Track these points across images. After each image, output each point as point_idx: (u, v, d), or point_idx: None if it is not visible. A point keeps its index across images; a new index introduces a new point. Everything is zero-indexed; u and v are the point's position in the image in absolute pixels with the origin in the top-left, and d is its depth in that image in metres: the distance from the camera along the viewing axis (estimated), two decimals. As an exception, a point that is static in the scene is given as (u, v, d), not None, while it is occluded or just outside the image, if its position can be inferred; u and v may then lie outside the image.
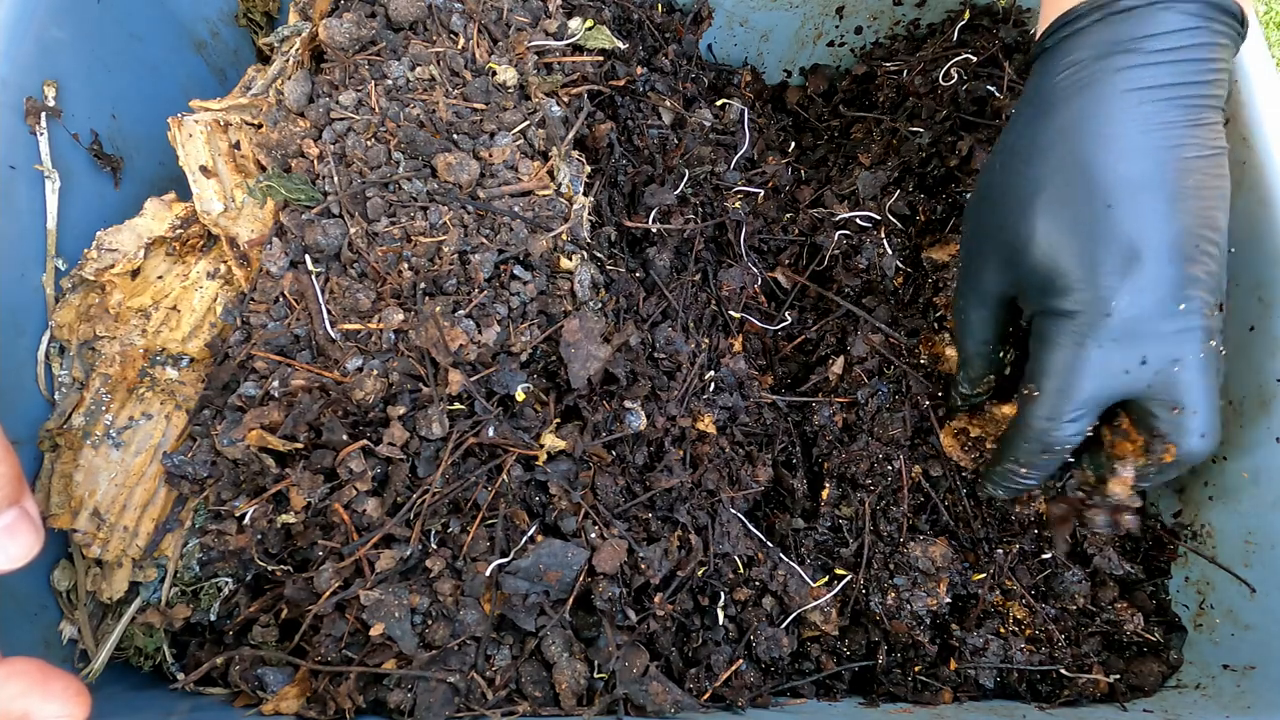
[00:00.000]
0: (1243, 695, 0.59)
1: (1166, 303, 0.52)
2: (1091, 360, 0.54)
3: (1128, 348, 0.53)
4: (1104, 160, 0.53)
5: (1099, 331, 0.53)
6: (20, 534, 0.39)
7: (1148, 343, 0.53)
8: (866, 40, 0.93)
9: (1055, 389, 0.55)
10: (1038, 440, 0.57)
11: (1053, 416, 0.55)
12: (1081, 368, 0.54)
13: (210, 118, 0.67)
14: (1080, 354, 0.54)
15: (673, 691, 0.57)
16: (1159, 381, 0.53)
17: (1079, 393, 0.54)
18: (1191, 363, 0.53)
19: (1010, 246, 0.56)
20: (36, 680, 0.37)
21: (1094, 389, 0.54)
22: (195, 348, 0.62)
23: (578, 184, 0.67)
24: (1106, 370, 0.54)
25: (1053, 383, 0.55)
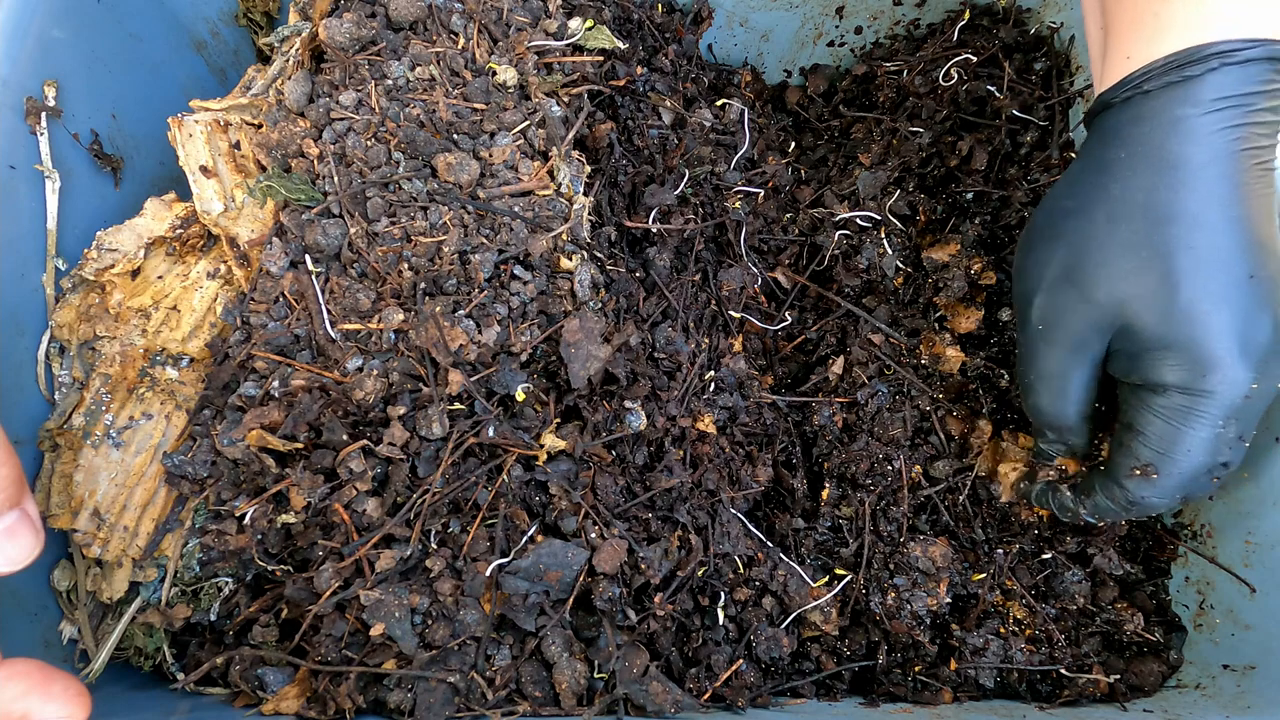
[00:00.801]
0: (1243, 695, 0.59)
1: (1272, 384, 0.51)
2: (1217, 439, 0.52)
3: (1243, 425, 0.52)
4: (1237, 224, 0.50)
5: (1233, 410, 0.51)
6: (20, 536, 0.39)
7: (1251, 422, 0.52)
8: (866, 40, 0.93)
9: (1183, 471, 0.53)
10: (1134, 507, 0.56)
11: (1166, 496, 0.54)
12: (1206, 448, 0.52)
13: (210, 118, 0.67)
14: (1216, 435, 0.52)
15: (673, 691, 0.57)
16: (1235, 456, 0.53)
17: (1196, 470, 0.53)
18: (1250, 436, 0.53)
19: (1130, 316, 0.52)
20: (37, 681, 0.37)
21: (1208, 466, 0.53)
22: (195, 348, 0.62)
23: (578, 184, 0.67)
24: (1218, 449, 0.52)
25: (1182, 466, 0.53)
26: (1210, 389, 0.51)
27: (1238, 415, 0.51)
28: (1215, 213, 0.50)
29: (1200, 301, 0.50)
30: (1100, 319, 0.54)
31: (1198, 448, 0.52)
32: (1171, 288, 0.51)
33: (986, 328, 0.75)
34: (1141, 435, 0.54)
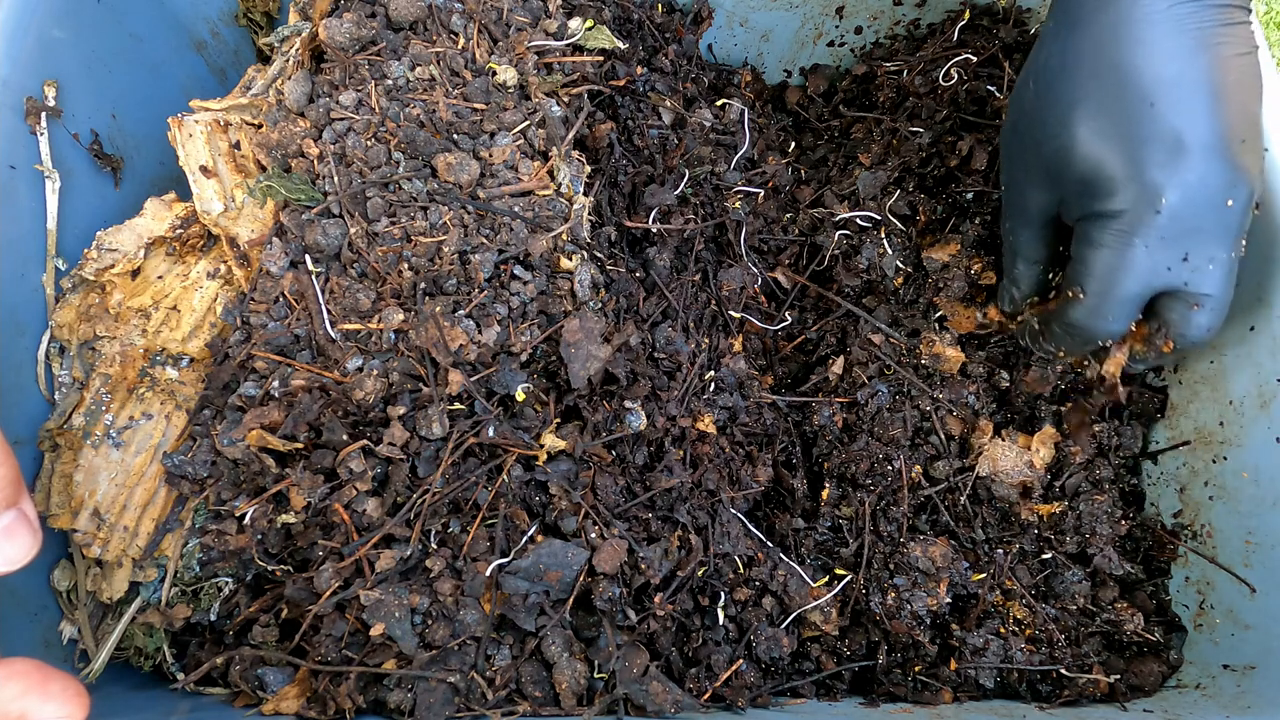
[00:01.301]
0: (1243, 695, 0.59)
1: (1215, 197, 0.53)
2: (1138, 259, 0.54)
3: (1173, 245, 0.54)
4: (1142, 63, 0.53)
5: (1146, 229, 0.53)
6: (18, 536, 0.39)
7: (1192, 239, 0.53)
8: (866, 40, 0.93)
9: (1100, 291, 0.56)
10: (1080, 336, 0.59)
11: (1097, 317, 0.57)
12: (1127, 267, 0.55)
13: (210, 118, 0.67)
14: (1127, 254, 0.54)
15: (673, 691, 0.57)
16: (1193, 278, 0.54)
17: (1124, 292, 0.55)
18: (1222, 260, 0.54)
19: (1053, 159, 0.57)
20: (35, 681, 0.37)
21: (1138, 288, 0.55)
22: (195, 348, 0.62)
23: (578, 184, 0.67)
24: (1152, 268, 0.54)
25: (1097, 284, 0.56)
26: (1115, 209, 0.54)
27: (1166, 235, 0.53)
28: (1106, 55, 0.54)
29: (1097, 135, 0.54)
30: (1033, 162, 0.59)
31: (1116, 266, 0.55)
32: (1073, 125, 0.55)
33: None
34: (1072, 262, 0.58)
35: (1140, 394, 0.71)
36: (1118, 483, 0.70)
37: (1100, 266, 0.56)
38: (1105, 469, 0.69)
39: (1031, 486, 0.68)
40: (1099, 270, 0.56)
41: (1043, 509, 0.68)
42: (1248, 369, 0.62)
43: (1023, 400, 0.72)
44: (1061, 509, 0.67)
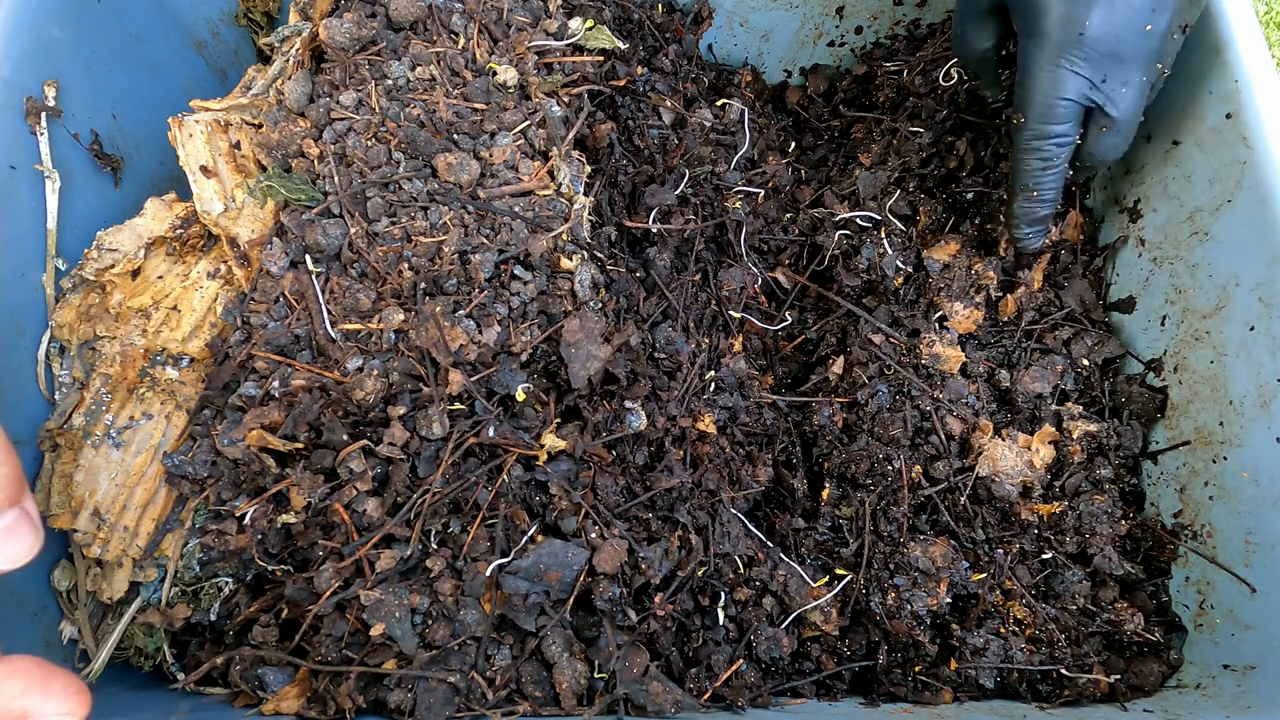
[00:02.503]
0: (1243, 695, 0.59)
1: (1135, 23, 0.57)
2: (1063, 78, 0.59)
3: (1095, 66, 0.58)
4: None
5: (1071, 50, 0.58)
6: (20, 534, 0.39)
7: (1111, 63, 0.58)
8: (866, 40, 0.93)
9: (1037, 109, 0.61)
10: (1035, 158, 0.64)
11: (1041, 134, 0.62)
12: (1055, 85, 0.59)
13: (210, 118, 0.67)
14: (1054, 73, 0.59)
15: (673, 691, 0.57)
16: (1109, 100, 0.60)
17: (1058, 108, 0.61)
18: (1135, 83, 0.59)
19: None
20: (36, 678, 0.37)
21: (1066, 107, 0.60)
22: (195, 348, 0.62)
23: (578, 184, 0.67)
24: (1076, 87, 0.59)
25: (1034, 103, 0.61)
26: (1046, 30, 0.59)
27: (1088, 57, 0.58)
28: None
29: None
30: None
31: (1043, 84, 0.60)
32: None
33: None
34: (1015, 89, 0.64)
35: (1140, 394, 0.71)
36: (1118, 483, 0.70)
37: (1033, 84, 0.61)
38: (1105, 469, 0.69)
39: (1031, 486, 0.68)
40: (1032, 88, 0.61)
41: (1043, 509, 0.68)
42: (1248, 369, 0.63)
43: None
44: (1061, 509, 0.67)
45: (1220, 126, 0.65)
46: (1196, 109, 0.67)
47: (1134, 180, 0.74)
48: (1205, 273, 0.67)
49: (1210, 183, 0.66)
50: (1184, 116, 0.68)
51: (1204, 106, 0.66)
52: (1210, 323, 0.66)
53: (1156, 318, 0.72)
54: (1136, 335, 0.73)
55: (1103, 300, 0.76)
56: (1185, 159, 0.69)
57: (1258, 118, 0.63)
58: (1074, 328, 0.74)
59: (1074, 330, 0.74)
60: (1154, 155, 0.72)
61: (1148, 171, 0.73)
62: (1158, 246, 0.72)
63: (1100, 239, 0.78)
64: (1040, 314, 0.75)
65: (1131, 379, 0.72)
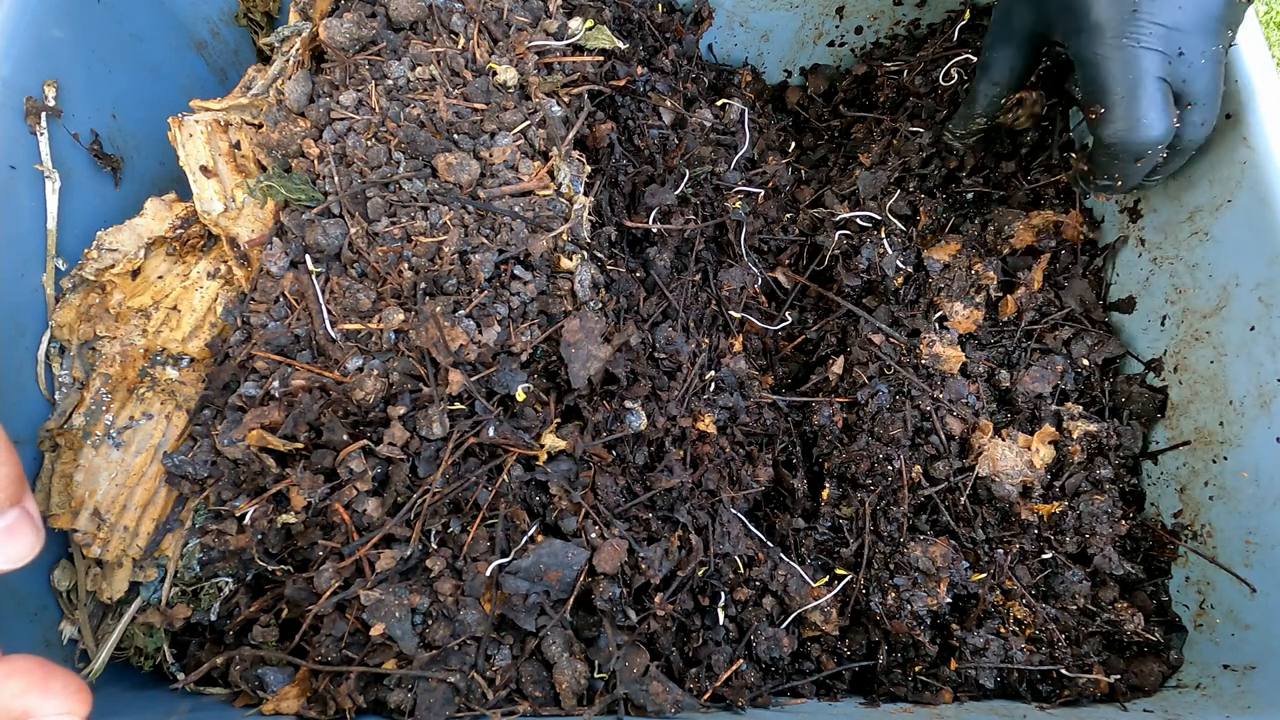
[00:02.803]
0: (1243, 695, 0.59)
1: None
2: (1139, 57, 0.56)
3: (1164, 40, 0.56)
4: None
5: (1134, 30, 0.56)
6: (21, 534, 0.39)
7: (1180, 35, 0.56)
8: (866, 40, 0.93)
9: (1121, 92, 0.57)
10: (1124, 153, 0.59)
11: (1129, 125, 0.58)
12: (1133, 67, 0.56)
13: (210, 118, 0.67)
14: (1126, 54, 0.56)
15: (673, 691, 0.57)
16: (1190, 74, 0.56)
17: (1142, 92, 0.56)
18: (1211, 55, 0.56)
19: None
20: (37, 678, 0.37)
21: (1151, 86, 0.57)
22: (195, 348, 0.62)
23: (578, 184, 0.67)
24: (1155, 64, 0.56)
25: (1116, 94, 0.57)
26: (1101, 18, 0.57)
27: (1154, 32, 0.56)
28: None
29: None
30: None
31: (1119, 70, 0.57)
32: None
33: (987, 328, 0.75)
34: (1082, 87, 0.60)
35: (1140, 394, 0.71)
36: (1118, 483, 0.70)
37: (1105, 77, 0.57)
38: (1105, 469, 0.69)
39: (1031, 486, 0.68)
40: (1105, 81, 0.57)
41: (1043, 509, 0.68)
42: (1248, 369, 0.63)
43: None
44: (1061, 509, 0.67)
45: (1220, 126, 0.65)
46: (1196, 109, 0.67)
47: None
48: (1205, 273, 0.67)
49: (1210, 183, 0.66)
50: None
51: (1204, 106, 0.66)
52: (1210, 323, 0.66)
53: (1156, 318, 0.72)
54: (1136, 335, 0.73)
55: (1103, 300, 0.76)
56: (1185, 159, 0.69)
57: (1258, 118, 0.63)
58: (1074, 328, 0.74)
59: (1074, 330, 0.74)
60: (1154, 155, 0.72)
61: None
62: (1158, 246, 0.72)
63: (1100, 239, 0.78)
64: (1040, 314, 0.75)
65: (1131, 379, 0.72)
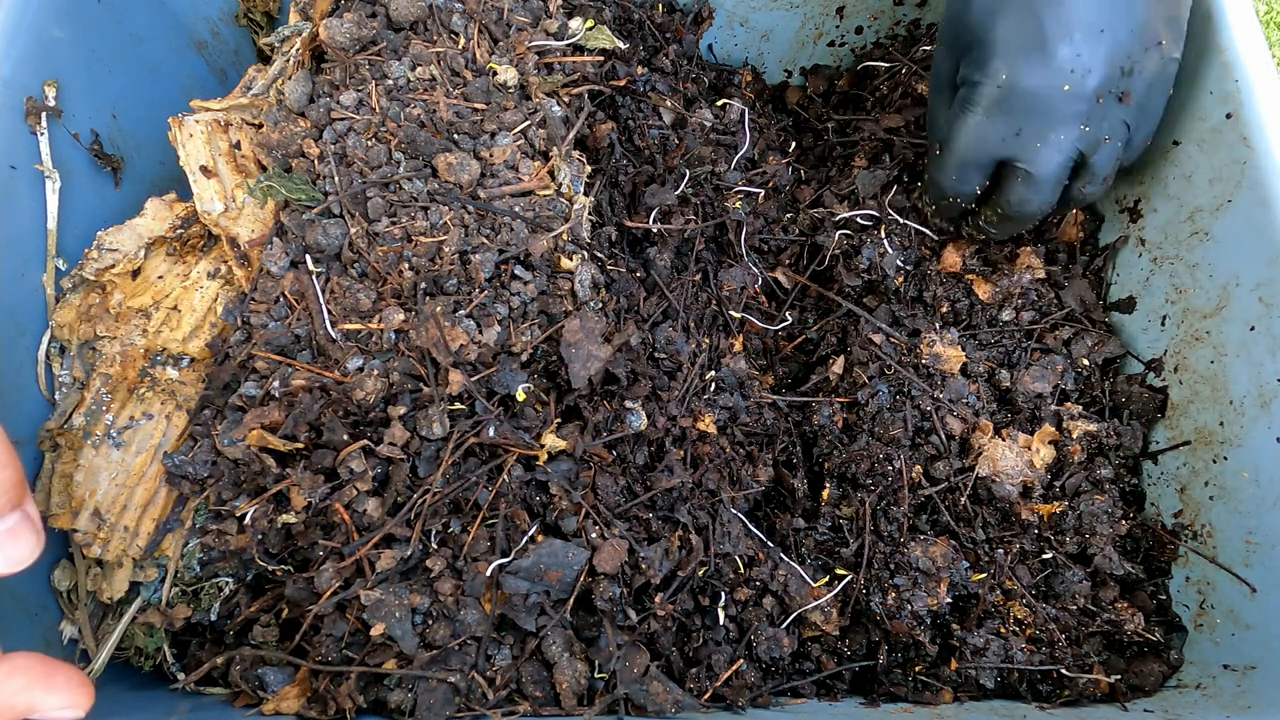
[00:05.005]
0: (1243, 695, 0.59)
1: (1052, 82, 0.58)
2: (976, 125, 0.61)
3: (1008, 119, 0.60)
4: None
5: (986, 100, 0.60)
6: (22, 537, 0.39)
7: (1026, 117, 0.59)
8: (867, 40, 0.93)
9: (952, 153, 0.64)
10: (939, 191, 0.68)
11: (947, 173, 0.65)
12: (967, 130, 0.62)
13: (211, 118, 0.67)
14: (968, 118, 0.61)
15: (673, 691, 0.57)
16: (1024, 154, 0.60)
17: (964, 154, 0.63)
18: (1053, 141, 0.59)
19: (954, 25, 0.64)
20: (39, 674, 0.37)
21: (975, 152, 0.62)
22: (196, 348, 0.62)
23: (578, 184, 0.67)
24: (988, 136, 0.61)
25: (952, 147, 0.64)
26: (974, 79, 0.61)
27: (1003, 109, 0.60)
28: None
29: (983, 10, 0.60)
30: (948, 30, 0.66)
31: (959, 128, 0.63)
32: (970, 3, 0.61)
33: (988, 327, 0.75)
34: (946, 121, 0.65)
35: (1140, 394, 0.71)
36: (1118, 483, 0.70)
37: (950, 127, 0.63)
38: (1105, 469, 0.69)
39: (1032, 486, 0.68)
40: (949, 131, 0.63)
41: (1043, 509, 0.68)
42: (1248, 369, 0.63)
43: None
44: (1062, 509, 0.67)
45: (1220, 126, 0.65)
46: (1196, 109, 0.67)
47: (1134, 180, 0.74)
48: (1205, 273, 0.67)
49: (1210, 183, 0.66)
50: (1184, 116, 0.68)
51: (1204, 106, 0.66)
52: (1210, 323, 0.66)
53: (1157, 318, 0.72)
54: (1136, 335, 0.73)
55: (1103, 300, 0.76)
56: (1185, 159, 0.69)
57: (1258, 118, 0.63)
58: (1074, 328, 0.74)
59: (1074, 330, 0.74)
60: (1154, 155, 0.72)
61: (1148, 171, 0.73)
62: (1158, 246, 0.72)
63: (1100, 239, 0.78)
64: (1040, 314, 0.75)
65: (1132, 379, 0.72)
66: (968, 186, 0.66)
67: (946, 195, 0.67)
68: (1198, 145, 0.67)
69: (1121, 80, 0.59)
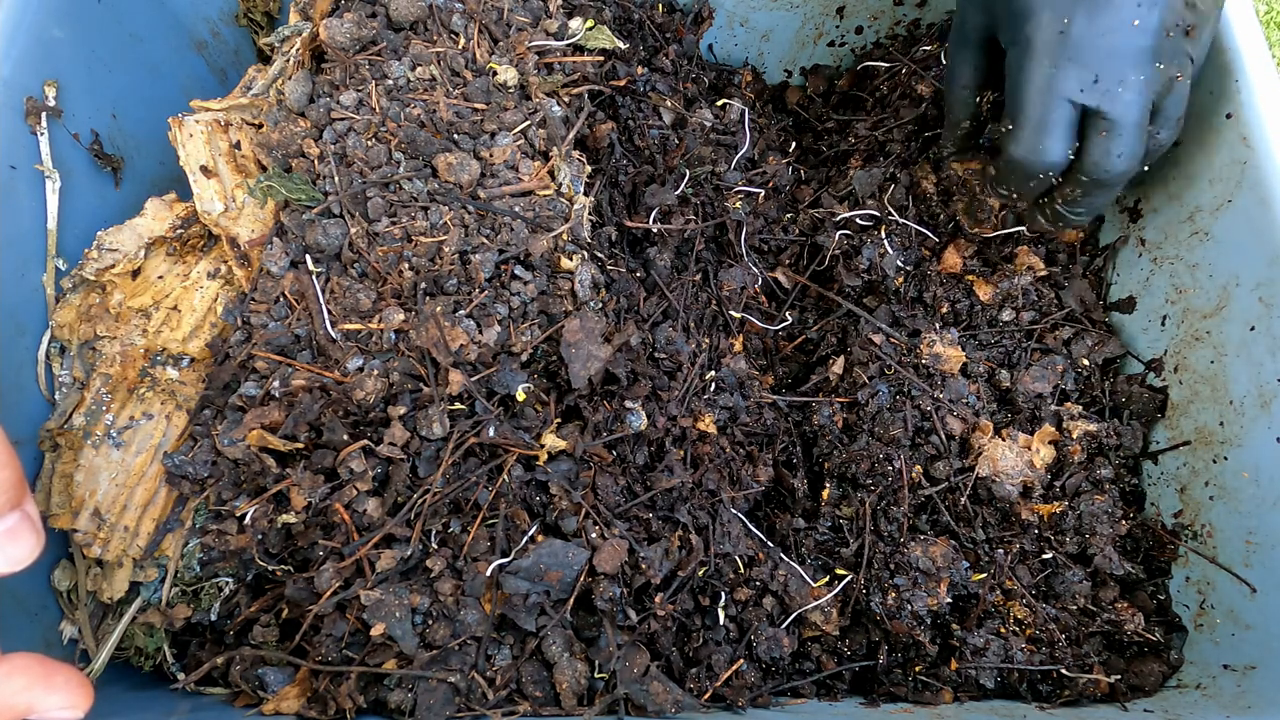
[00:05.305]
0: (1243, 695, 0.59)
1: (1120, 19, 0.54)
2: (1050, 80, 0.56)
3: (1082, 66, 0.55)
4: None
5: (1054, 51, 0.55)
6: (22, 537, 0.39)
7: (1101, 61, 0.55)
8: (867, 40, 0.93)
9: (1028, 117, 0.58)
10: (1021, 170, 0.60)
11: (1029, 145, 0.58)
12: (1041, 89, 0.56)
13: (211, 118, 0.67)
14: (1038, 75, 0.56)
15: (673, 691, 0.57)
16: (1104, 101, 0.56)
17: (1044, 116, 0.57)
18: (1132, 82, 0.55)
19: None
20: (39, 674, 0.37)
21: (1055, 110, 0.57)
22: (196, 348, 0.62)
23: (578, 184, 0.67)
24: (1064, 89, 0.56)
25: (1025, 110, 0.58)
26: (1030, 34, 0.57)
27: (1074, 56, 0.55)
28: None
29: None
30: None
31: (1033, 90, 0.57)
32: None
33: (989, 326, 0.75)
34: (1006, 97, 0.60)
35: (1140, 394, 0.71)
36: (1118, 483, 0.70)
37: (1021, 93, 0.57)
38: (1105, 469, 0.69)
39: (1032, 486, 0.68)
40: (1020, 97, 0.57)
41: (1043, 509, 0.68)
42: (1248, 369, 0.63)
43: None
44: (1062, 509, 0.67)
45: (1220, 126, 0.65)
46: (1196, 109, 0.67)
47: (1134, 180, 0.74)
48: (1205, 273, 0.67)
49: (1210, 183, 0.66)
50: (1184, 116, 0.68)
51: (1204, 106, 0.66)
52: (1210, 323, 0.66)
53: (1157, 318, 0.72)
54: (1137, 335, 0.73)
55: (1103, 300, 0.76)
56: (1185, 159, 0.69)
57: (1258, 118, 0.63)
58: (1074, 328, 0.74)
59: (1074, 330, 0.74)
60: (1154, 155, 0.72)
61: (1148, 171, 0.73)
62: (1158, 246, 0.72)
63: (1100, 239, 0.78)
64: (1040, 314, 0.75)
65: (1132, 379, 0.72)
66: (1054, 152, 0.58)
67: (1032, 171, 0.59)
68: (1198, 145, 0.67)
69: (1185, 11, 0.56)
